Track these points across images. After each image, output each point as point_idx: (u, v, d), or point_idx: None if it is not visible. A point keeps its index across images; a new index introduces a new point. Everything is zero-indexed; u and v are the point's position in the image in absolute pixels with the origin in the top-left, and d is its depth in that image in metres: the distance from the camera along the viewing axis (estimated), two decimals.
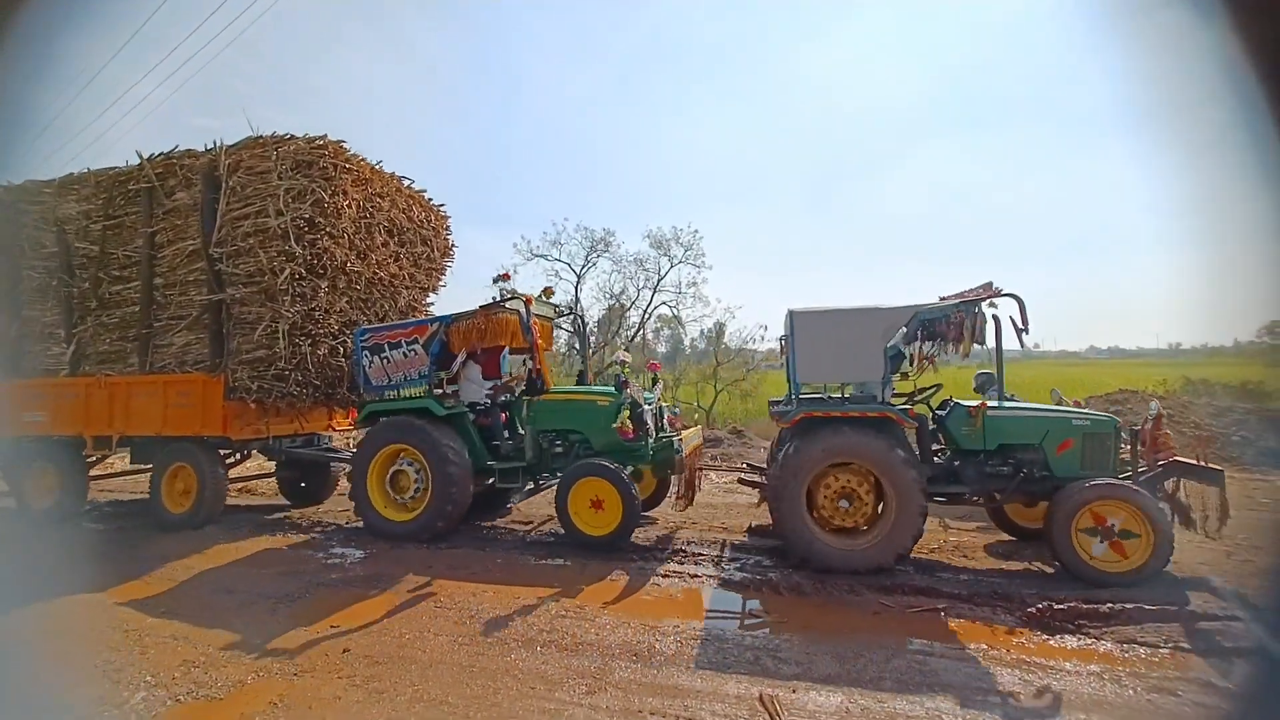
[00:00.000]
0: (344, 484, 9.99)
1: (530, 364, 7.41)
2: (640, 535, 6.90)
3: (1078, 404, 7.55)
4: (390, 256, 8.48)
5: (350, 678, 3.92)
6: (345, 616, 4.91)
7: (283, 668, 4.06)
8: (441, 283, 9.72)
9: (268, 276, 7.23)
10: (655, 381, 7.86)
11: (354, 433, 11.13)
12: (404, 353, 7.14)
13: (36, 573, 5.56)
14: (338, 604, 5.19)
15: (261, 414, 7.94)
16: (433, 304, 9.70)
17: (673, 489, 7.48)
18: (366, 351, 7.29)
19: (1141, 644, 4.16)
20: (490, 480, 7.08)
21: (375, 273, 8.22)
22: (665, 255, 20.89)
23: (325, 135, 7.36)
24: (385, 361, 7.20)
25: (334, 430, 9.29)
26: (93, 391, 8.07)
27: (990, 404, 6.04)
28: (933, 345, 6.40)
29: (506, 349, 7.65)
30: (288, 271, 7.12)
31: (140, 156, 8.06)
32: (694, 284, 20.46)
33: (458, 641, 4.43)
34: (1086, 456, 5.78)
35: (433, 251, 9.31)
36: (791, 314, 6.09)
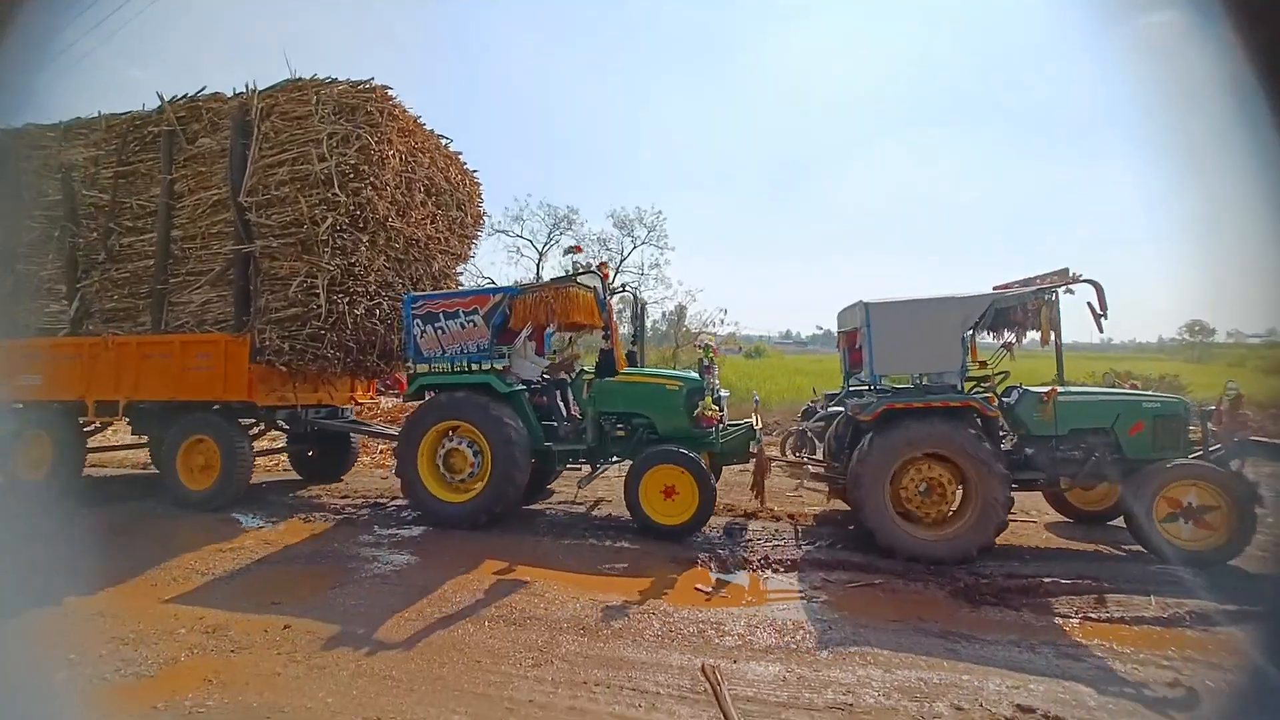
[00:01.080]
0: (365, 459, 9.47)
1: (602, 342, 6.93)
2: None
3: (1134, 385, 7.47)
4: (427, 217, 8.00)
5: (291, 654, 3.74)
6: (293, 595, 4.68)
7: (219, 644, 3.85)
8: (473, 251, 9.26)
9: (306, 226, 6.69)
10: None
11: (383, 405, 10.55)
12: (461, 324, 6.62)
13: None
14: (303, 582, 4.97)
15: (288, 379, 7.37)
16: (461, 274, 9.23)
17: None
18: (418, 320, 6.73)
19: (1056, 614, 4.40)
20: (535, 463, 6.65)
21: (413, 232, 7.73)
22: (629, 235, 20.51)
23: (372, 79, 6.89)
24: (440, 332, 6.68)
25: (356, 403, 8.72)
26: (98, 352, 7.38)
27: (1059, 388, 5.91)
28: (1009, 333, 6.29)
29: (553, 326, 7.20)
30: (330, 221, 6.60)
31: (161, 99, 7.46)
32: (656, 265, 20.16)
33: (407, 619, 4.25)
34: (1158, 438, 5.64)
35: (466, 217, 8.85)
36: (867, 306, 5.89)
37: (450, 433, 6.48)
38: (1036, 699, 3.24)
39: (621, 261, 20.81)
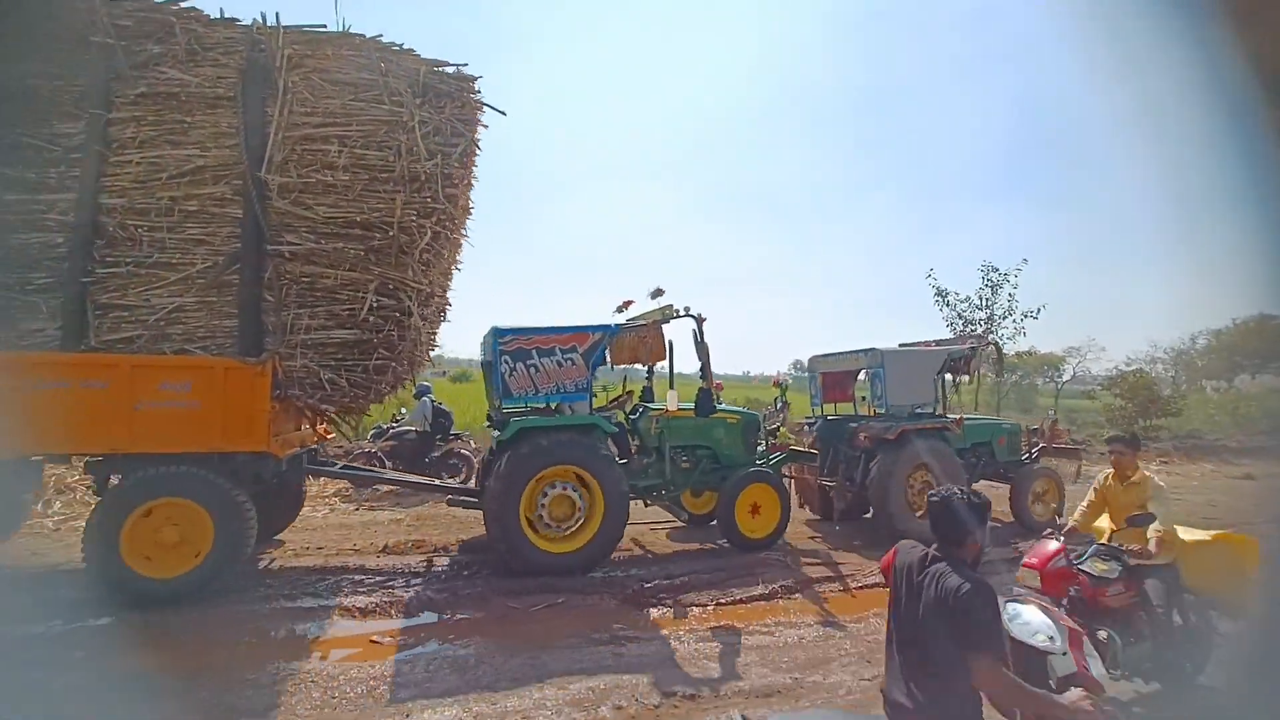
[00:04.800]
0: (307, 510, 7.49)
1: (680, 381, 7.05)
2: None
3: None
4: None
5: None
6: None
7: None
8: None
9: (394, 232, 5.27)
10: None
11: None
12: (558, 361, 6.06)
13: None
14: None
15: (295, 418, 5.65)
16: None
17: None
18: (507, 357, 5.94)
19: (696, 605, 5.29)
20: None
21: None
22: None
23: (465, 65, 5.73)
24: (533, 370, 6.00)
25: (323, 439, 6.86)
26: None
27: (965, 416, 8.66)
28: (954, 376, 8.78)
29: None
30: (430, 232, 5.36)
31: None
32: None
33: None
34: (1010, 448, 8.77)
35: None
36: (882, 352, 7.75)
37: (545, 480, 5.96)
38: (679, 683, 3.89)
39: None
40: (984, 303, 20.56)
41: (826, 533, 7.95)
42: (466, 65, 5.73)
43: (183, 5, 5.10)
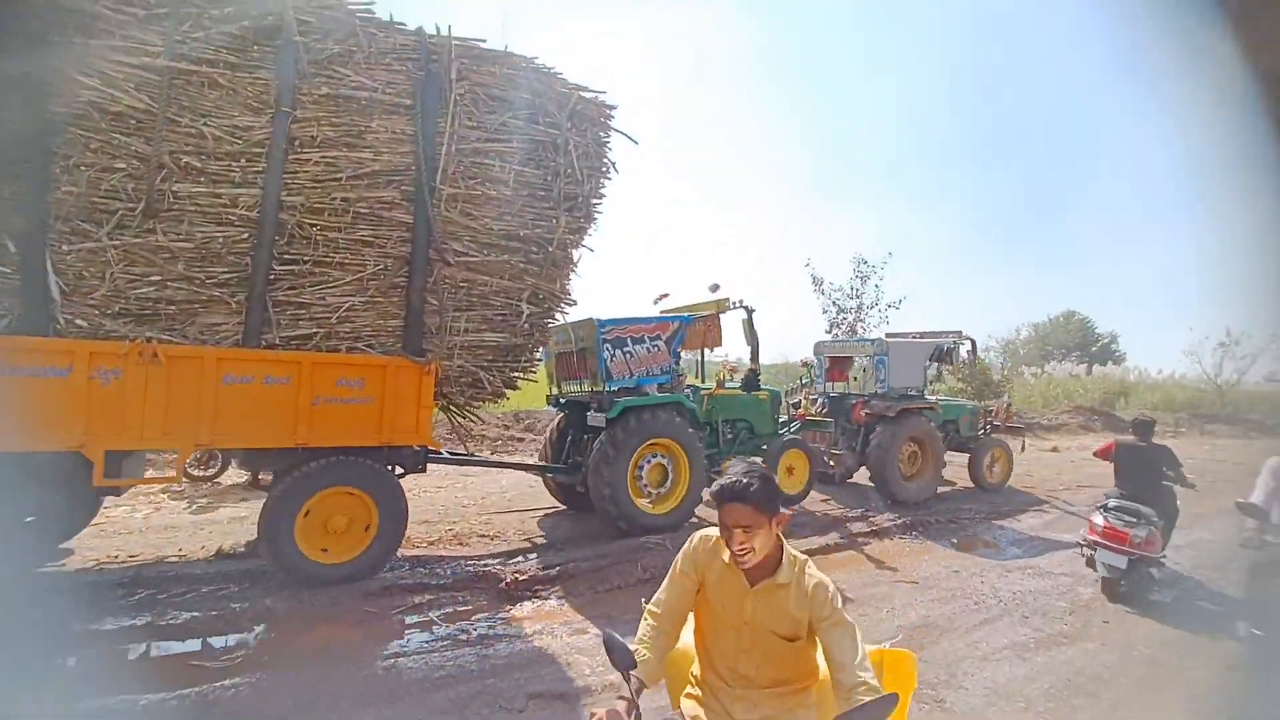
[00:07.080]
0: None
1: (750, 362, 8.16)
2: None
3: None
4: None
5: None
6: None
7: None
8: None
9: (552, 248, 5.73)
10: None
11: None
12: (648, 349, 6.91)
13: None
14: None
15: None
16: None
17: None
18: (608, 345, 6.69)
19: (573, 595, 5.19)
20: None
21: None
22: None
23: (605, 93, 6.16)
24: (628, 356, 6.80)
25: None
26: (121, 369, 4.41)
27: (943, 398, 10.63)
28: (940, 366, 10.55)
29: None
30: (580, 249, 5.91)
31: None
32: None
33: None
34: (970, 424, 10.72)
35: None
36: (887, 342, 9.36)
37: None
38: (546, 684, 3.70)
39: None
40: (854, 292, 21.87)
41: (832, 494, 9.52)
42: (605, 93, 6.21)
43: (361, 6, 5.11)
